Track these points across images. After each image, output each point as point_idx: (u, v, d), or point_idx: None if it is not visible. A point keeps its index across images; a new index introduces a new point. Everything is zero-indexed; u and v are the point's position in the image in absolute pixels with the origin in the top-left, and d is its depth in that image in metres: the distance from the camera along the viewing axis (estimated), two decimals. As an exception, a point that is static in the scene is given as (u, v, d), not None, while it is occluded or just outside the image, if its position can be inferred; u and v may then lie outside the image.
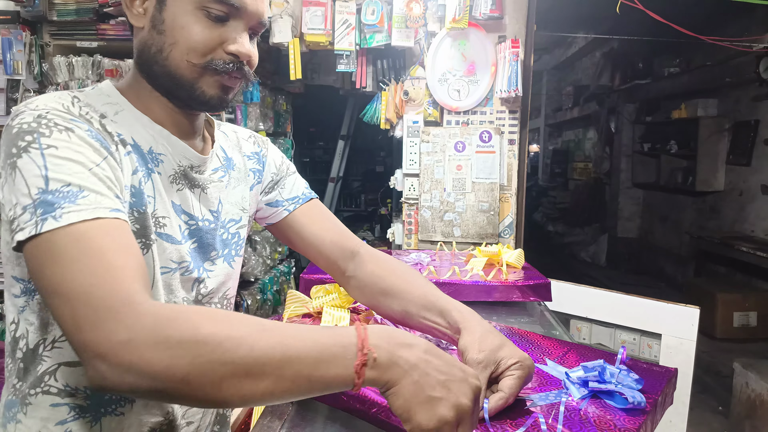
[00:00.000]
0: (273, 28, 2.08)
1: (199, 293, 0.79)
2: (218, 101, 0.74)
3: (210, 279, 0.80)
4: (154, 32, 0.70)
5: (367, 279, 0.90)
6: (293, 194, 0.96)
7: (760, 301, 3.99)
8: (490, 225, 2.21)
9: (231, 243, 0.84)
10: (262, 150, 0.96)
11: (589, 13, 5.04)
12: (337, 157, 4.72)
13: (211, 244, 0.79)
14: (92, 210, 0.56)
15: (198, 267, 0.77)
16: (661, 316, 1.76)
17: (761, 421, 2.50)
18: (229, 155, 0.87)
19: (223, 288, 0.83)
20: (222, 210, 0.82)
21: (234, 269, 0.85)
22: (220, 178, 0.82)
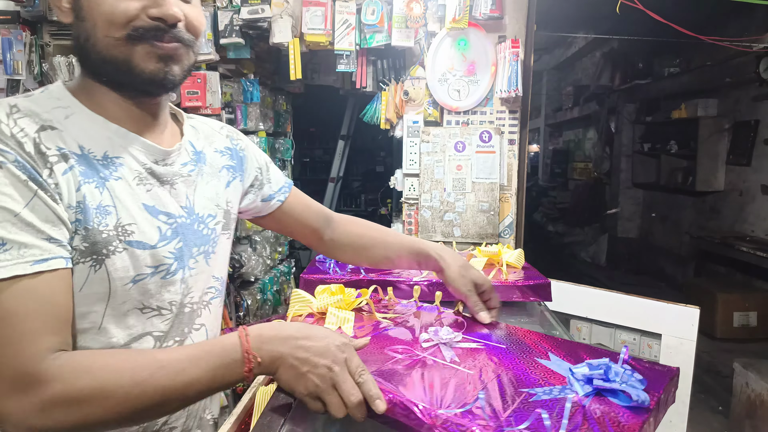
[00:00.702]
0: (273, 28, 2.08)
1: (183, 294, 0.76)
2: (161, 75, 0.68)
3: (192, 278, 0.78)
4: (78, 21, 0.66)
5: (347, 238, 1.07)
6: (279, 185, 1.04)
7: (760, 301, 3.99)
8: (490, 225, 2.21)
9: (209, 239, 0.81)
10: (238, 144, 0.93)
11: (589, 13, 5.04)
12: (337, 157, 4.72)
13: (191, 241, 0.77)
14: (11, 267, 0.56)
15: (183, 267, 0.75)
16: (661, 316, 1.76)
17: (761, 421, 2.51)
18: (198, 149, 0.83)
19: (202, 287, 0.81)
20: (196, 204, 0.79)
21: (210, 266, 0.82)
22: (190, 172, 0.79)
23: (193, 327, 0.79)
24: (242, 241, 2.58)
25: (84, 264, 0.64)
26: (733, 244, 4.24)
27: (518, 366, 0.78)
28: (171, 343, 0.75)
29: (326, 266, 1.45)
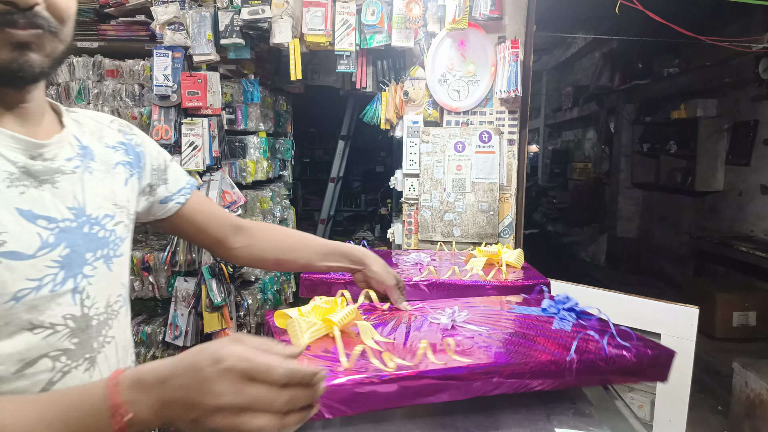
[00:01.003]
0: (273, 28, 2.08)
1: (83, 305, 0.68)
2: (16, 65, 0.60)
3: (92, 286, 0.70)
4: None
5: (266, 243, 1.04)
6: (179, 186, 0.93)
7: (759, 301, 4.00)
8: (490, 225, 2.21)
9: (108, 242, 0.73)
10: (133, 139, 0.85)
11: (589, 14, 5.05)
12: (337, 157, 4.72)
13: (83, 245, 0.68)
14: None
15: (73, 276, 0.67)
16: (661, 315, 1.77)
17: (761, 420, 2.51)
18: (85, 143, 0.75)
19: (106, 295, 0.73)
20: (87, 204, 0.71)
21: (113, 272, 0.74)
22: (75, 168, 0.70)
23: (105, 341, 0.72)
24: (242, 241, 2.58)
25: None
26: (732, 244, 4.25)
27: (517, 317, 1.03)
28: (81, 362, 0.68)
29: (326, 266, 1.46)
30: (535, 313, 1.06)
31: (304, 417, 0.52)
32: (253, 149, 2.54)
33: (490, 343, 0.87)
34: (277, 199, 2.97)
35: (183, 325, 2.21)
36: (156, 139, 2.10)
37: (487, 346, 0.86)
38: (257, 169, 2.58)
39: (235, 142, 2.46)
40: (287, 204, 3.25)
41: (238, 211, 2.30)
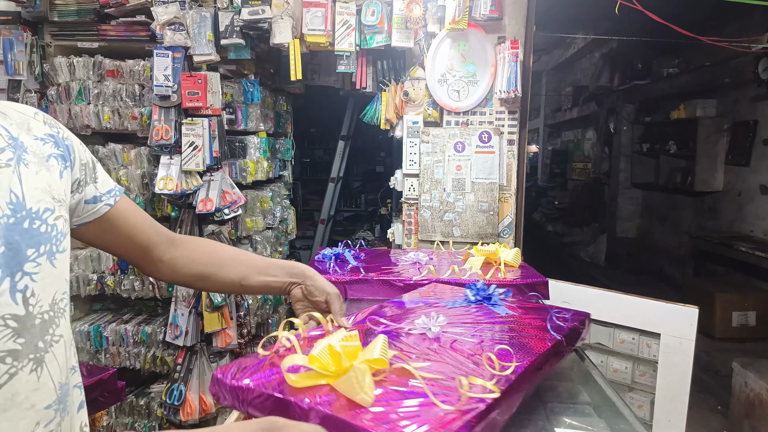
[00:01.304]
0: (273, 29, 2.09)
1: (27, 304, 0.65)
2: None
3: (37, 284, 0.66)
4: None
5: (200, 256, 0.96)
6: (108, 187, 0.87)
7: (758, 301, 4.00)
8: (490, 225, 2.22)
9: (50, 237, 0.70)
10: (60, 132, 0.80)
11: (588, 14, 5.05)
12: (337, 157, 4.73)
13: (21, 242, 0.65)
14: None
15: (13, 274, 0.63)
16: (660, 315, 1.77)
17: (760, 420, 2.51)
18: (15, 135, 0.71)
19: (52, 292, 0.70)
20: (27, 198, 0.67)
21: (57, 268, 0.71)
22: (8, 160, 0.67)
23: (53, 339, 0.70)
24: (243, 241, 2.59)
25: None
26: (731, 244, 4.25)
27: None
28: (26, 363, 0.65)
29: (326, 266, 1.46)
30: (472, 301, 1.11)
31: None
32: (254, 149, 2.55)
33: (494, 345, 0.87)
34: (277, 199, 2.97)
35: (183, 325, 2.21)
36: (156, 139, 2.10)
37: (498, 349, 0.83)
38: (257, 169, 2.58)
39: (236, 142, 2.46)
40: (287, 204, 3.25)
41: (239, 211, 2.31)
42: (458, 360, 0.79)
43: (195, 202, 2.16)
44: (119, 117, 2.24)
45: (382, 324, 0.93)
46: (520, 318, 1.04)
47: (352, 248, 1.66)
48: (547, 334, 0.94)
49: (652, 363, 1.83)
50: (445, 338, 0.88)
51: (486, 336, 0.92)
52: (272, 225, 2.87)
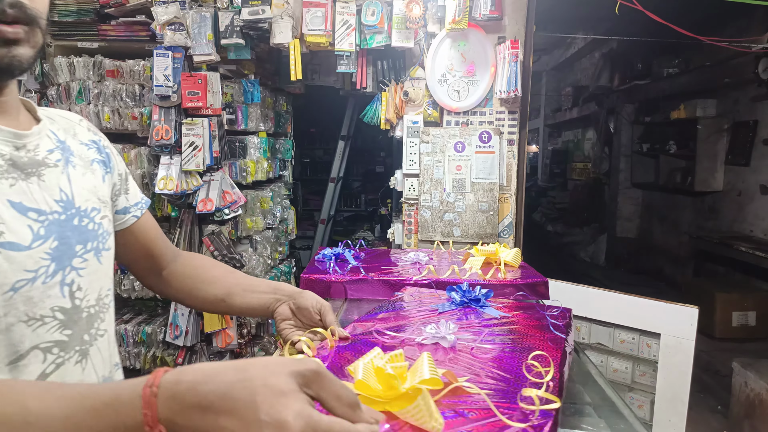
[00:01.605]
0: (273, 29, 2.09)
1: (74, 297, 0.68)
2: (6, 60, 0.60)
3: (83, 279, 0.70)
4: None
5: (191, 271, 0.94)
6: (137, 199, 0.89)
7: (758, 301, 4.00)
8: (490, 225, 2.22)
9: (97, 235, 0.73)
10: (101, 140, 0.84)
11: (588, 14, 5.06)
12: (337, 157, 4.73)
13: (72, 237, 0.68)
14: None
15: (63, 268, 0.66)
16: (660, 315, 1.77)
17: (760, 420, 2.51)
18: (62, 139, 0.74)
19: (97, 288, 0.73)
20: (75, 197, 0.71)
21: (103, 265, 0.74)
22: (57, 161, 0.70)
23: (97, 333, 0.72)
24: (243, 241, 2.59)
25: None
26: (731, 244, 4.25)
27: None
28: (72, 354, 0.67)
29: (326, 266, 1.46)
30: (458, 303, 1.10)
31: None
32: (254, 149, 2.55)
33: (514, 350, 0.86)
34: (277, 199, 2.97)
35: (183, 325, 2.21)
36: (156, 139, 2.11)
37: (533, 355, 0.82)
38: (257, 169, 2.58)
39: (236, 142, 2.46)
40: (287, 204, 3.25)
41: (239, 211, 2.31)
42: (493, 370, 0.77)
43: (195, 202, 2.16)
44: (119, 117, 2.24)
45: (387, 335, 0.90)
46: (516, 319, 1.04)
47: (352, 248, 1.66)
48: (550, 333, 0.94)
49: (652, 363, 1.83)
50: (458, 346, 0.87)
51: (496, 340, 0.91)
52: (272, 225, 2.88)
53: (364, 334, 0.91)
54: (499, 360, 0.81)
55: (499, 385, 0.72)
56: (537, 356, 0.81)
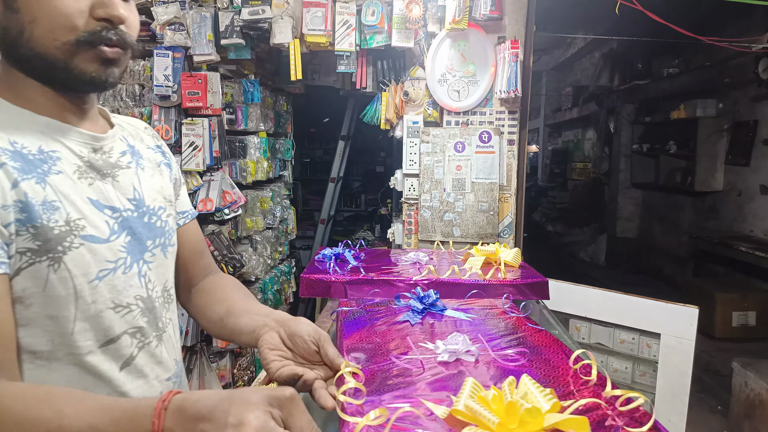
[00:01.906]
0: (273, 28, 2.09)
1: (147, 288, 0.74)
2: (102, 78, 0.67)
3: (152, 271, 0.76)
4: (9, 12, 0.62)
5: (210, 286, 0.92)
6: (184, 207, 0.92)
7: (759, 301, 4.00)
8: (490, 225, 2.22)
9: (165, 231, 0.79)
10: (162, 146, 0.90)
11: (588, 14, 5.05)
12: (337, 157, 4.72)
13: (143, 233, 0.74)
14: None
15: (137, 261, 0.73)
16: (660, 315, 1.77)
17: (760, 420, 2.51)
18: (131, 144, 0.81)
19: (163, 281, 0.79)
20: (144, 196, 0.77)
21: (168, 260, 0.80)
22: (128, 163, 0.77)
23: (167, 321, 0.79)
24: (243, 241, 2.59)
25: (40, 264, 0.62)
26: (731, 244, 4.25)
27: None
28: (152, 338, 0.75)
29: (326, 266, 1.46)
30: (419, 311, 1.09)
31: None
32: (254, 149, 2.55)
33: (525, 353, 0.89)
34: (277, 199, 2.97)
35: (183, 325, 2.22)
36: (156, 139, 2.11)
37: (575, 357, 0.84)
38: (257, 169, 2.58)
39: (236, 142, 2.46)
40: (287, 204, 3.25)
41: (239, 211, 2.31)
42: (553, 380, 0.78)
43: (195, 202, 2.16)
44: (119, 117, 2.24)
45: (399, 359, 0.86)
46: (487, 316, 1.08)
47: (352, 248, 1.66)
48: (528, 321, 0.99)
49: (652, 363, 1.83)
50: (468, 357, 0.86)
51: (498, 345, 0.92)
52: (272, 225, 2.88)
53: (363, 364, 0.83)
54: (533, 365, 0.84)
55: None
56: (577, 359, 0.82)
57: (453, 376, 0.80)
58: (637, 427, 0.63)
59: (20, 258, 0.61)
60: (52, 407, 0.54)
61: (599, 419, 0.65)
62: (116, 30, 0.65)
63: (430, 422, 0.65)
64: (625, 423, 0.64)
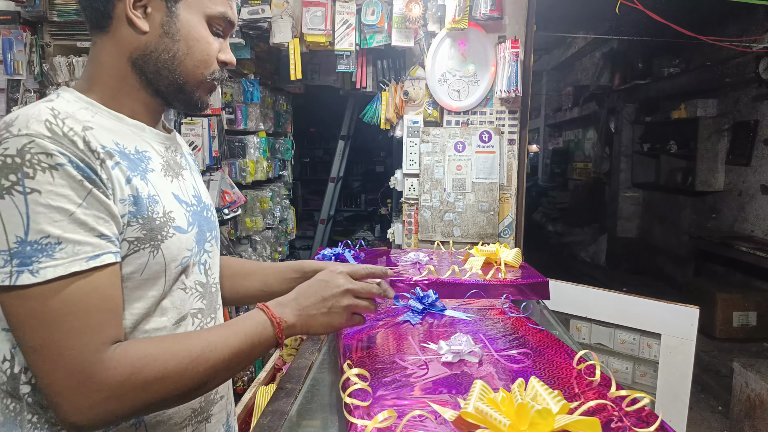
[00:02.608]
0: (273, 28, 2.08)
1: (207, 275, 0.83)
2: (205, 104, 0.82)
3: (211, 260, 0.84)
4: (167, 39, 0.73)
5: (226, 271, 1.01)
6: None
7: (759, 301, 3.99)
8: (490, 225, 2.21)
9: (215, 226, 0.89)
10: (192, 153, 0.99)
11: (589, 14, 5.05)
12: (337, 157, 4.72)
13: (204, 226, 0.83)
14: (68, 264, 0.60)
15: (200, 250, 0.81)
16: (661, 315, 1.77)
17: (761, 420, 2.51)
18: (181, 145, 0.91)
19: (216, 269, 0.87)
20: (201, 193, 0.86)
21: (218, 249, 0.90)
22: (186, 165, 0.86)
23: (218, 305, 0.87)
24: (242, 241, 2.58)
25: (144, 250, 0.69)
26: (732, 244, 4.24)
27: None
28: (209, 321, 0.83)
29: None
30: (419, 311, 1.11)
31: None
32: (253, 149, 2.54)
33: (528, 353, 0.89)
34: (276, 199, 2.97)
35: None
36: (156, 138, 2.10)
37: (579, 358, 0.84)
38: (257, 169, 2.57)
39: (235, 142, 2.46)
40: (287, 204, 3.25)
41: (238, 211, 2.30)
42: (562, 383, 0.78)
43: (194, 202, 2.15)
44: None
45: (403, 359, 0.87)
46: (486, 315, 1.08)
47: (352, 248, 1.65)
48: (528, 321, 0.98)
49: (652, 363, 1.82)
50: (471, 358, 0.86)
51: (500, 345, 0.92)
52: (272, 225, 2.87)
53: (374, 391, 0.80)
54: (536, 366, 0.83)
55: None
56: (582, 359, 0.82)
57: (457, 377, 0.79)
58: (644, 427, 0.63)
59: (128, 246, 0.68)
60: (198, 336, 0.69)
61: (606, 420, 0.65)
62: (225, 71, 0.81)
63: (438, 425, 0.65)
64: (632, 423, 0.64)
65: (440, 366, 0.84)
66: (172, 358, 0.65)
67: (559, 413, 0.61)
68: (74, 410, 0.59)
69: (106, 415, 0.61)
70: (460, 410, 0.64)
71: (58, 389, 0.59)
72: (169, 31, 0.73)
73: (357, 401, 0.71)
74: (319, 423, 0.87)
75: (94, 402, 0.60)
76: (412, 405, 0.70)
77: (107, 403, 0.60)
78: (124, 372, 0.61)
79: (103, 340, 0.62)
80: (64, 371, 0.59)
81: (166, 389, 0.64)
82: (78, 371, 0.59)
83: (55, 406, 0.60)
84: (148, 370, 0.63)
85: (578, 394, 0.73)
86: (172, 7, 0.72)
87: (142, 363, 0.63)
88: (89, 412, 0.60)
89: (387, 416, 0.63)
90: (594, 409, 0.67)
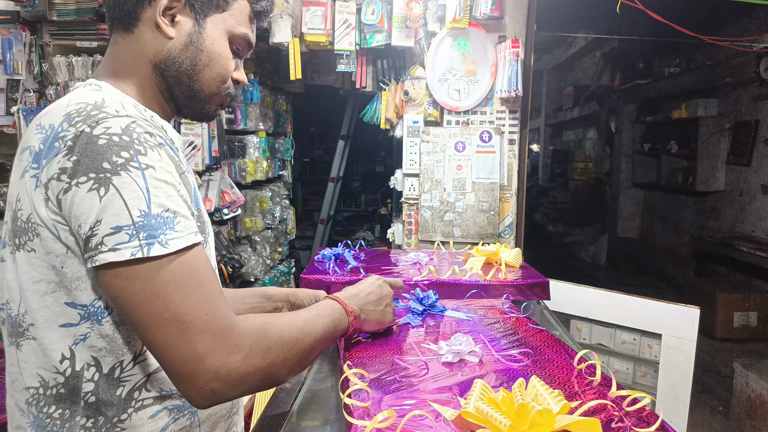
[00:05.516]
0: (273, 28, 2.08)
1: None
2: (213, 116, 0.85)
3: (211, 258, 0.85)
4: (192, 47, 0.75)
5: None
6: None
7: (760, 301, 3.98)
8: (490, 225, 2.21)
9: (209, 227, 0.91)
10: None
11: (589, 13, 5.04)
12: (337, 157, 4.72)
13: (207, 224, 0.85)
14: (187, 236, 0.62)
15: (205, 246, 0.82)
16: (662, 316, 1.76)
17: (761, 421, 2.50)
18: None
19: (214, 265, 0.89)
20: (197, 193, 0.88)
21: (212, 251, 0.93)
22: (186, 169, 0.89)
23: None
24: (242, 241, 2.58)
25: (202, 243, 0.72)
26: (733, 244, 4.23)
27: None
28: None
29: (325, 266, 1.45)
30: (419, 312, 1.13)
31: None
32: (253, 149, 2.54)
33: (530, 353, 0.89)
34: (276, 199, 2.97)
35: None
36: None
37: (580, 358, 0.85)
38: (257, 169, 2.57)
39: (235, 141, 2.46)
40: (287, 204, 3.24)
41: (238, 211, 2.30)
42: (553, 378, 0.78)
43: (194, 202, 2.15)
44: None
45: (403, 360, 0.86)
46: (486, 315, 1.08)
47: (352, 248, 1.65)
48: (529, 321, 0.98)
49: (653, 363, 1.82)
50: (471, 358, 0.86)
51: (501, 345, 0.91)
52: (272, 225, 2.87)
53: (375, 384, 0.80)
54: (537, 366, 0.82)
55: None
56: (582, 359, 0.82)
57: (457, 377, 0.79)
58: (644, 427, 0.62)
59: None
60: (286, 314, 0.75)
61: (606, 420, 0.65)
62: (237, 89, 0.85)
63: (438, 424, 0.65)
64: (633, 423, 0.64)
65: (440, 366, 0.83)
66: (285, 328, 0.69)
67: (560, 413, 0.61)
68: (214, 375, 0.59)
69: (238, 381, 0.61)
70: (460, 410, 0.64)
71: (200, 354, 0.59)
72: (194, 42, 0.74)
73: (357, 401, 0.71)
74: (319, 423, 0.87)
75: (232, 366, 0.60)
76: (412, 405, 0.70)
77: (241, 366, 0.61)
78: (252, 336, 0.63)
79: (230, 307, 0.64)
80: (206, 336, 0.59)
81: (283, 356, 0.67)
82: (221, 334, 0.60)
83: (192, 376, 0.59)
84: (269, 336, 0.66)
85: (578, 393, 0.73)
86: (201, 20, 0.74)
87: (264, 329, 0.66)
88: (228, 376, 0.60)
89: (387, 416, 0.63)
90: (594, 409, 0.67)
